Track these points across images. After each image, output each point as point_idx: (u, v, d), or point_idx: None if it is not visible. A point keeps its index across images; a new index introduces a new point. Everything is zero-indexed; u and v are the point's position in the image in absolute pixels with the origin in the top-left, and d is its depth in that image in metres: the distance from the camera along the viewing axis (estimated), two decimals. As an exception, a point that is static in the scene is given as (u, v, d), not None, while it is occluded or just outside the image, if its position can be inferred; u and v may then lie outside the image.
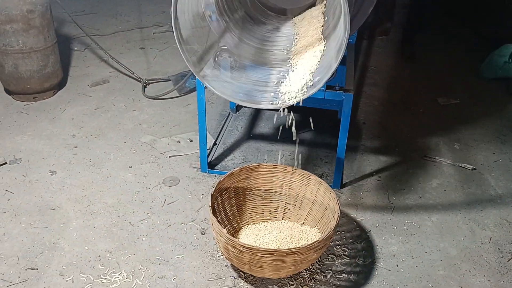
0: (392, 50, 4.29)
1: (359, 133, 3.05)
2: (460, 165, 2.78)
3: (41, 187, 2.54)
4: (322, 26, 2.24)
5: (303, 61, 2.10)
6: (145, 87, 3.51)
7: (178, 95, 3.41)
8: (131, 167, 2.70)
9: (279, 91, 2.04)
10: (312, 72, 1.98)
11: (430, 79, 3.75)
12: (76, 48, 4.11)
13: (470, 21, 4.61)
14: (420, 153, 2.89)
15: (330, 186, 2.17)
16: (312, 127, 2.24)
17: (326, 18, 2.28)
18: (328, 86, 2.30)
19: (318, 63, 1.97)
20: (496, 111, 3.33)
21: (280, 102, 1.98)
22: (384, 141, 3.00)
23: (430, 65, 3.98)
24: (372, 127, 3.14)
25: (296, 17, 2.47)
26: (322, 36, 2.15)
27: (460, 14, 4.83)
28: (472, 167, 2.76)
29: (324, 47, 2.07)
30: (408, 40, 4.21)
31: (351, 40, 2.71)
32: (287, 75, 2.09)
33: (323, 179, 2.56)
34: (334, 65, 1.75)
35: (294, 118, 2.11)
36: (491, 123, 3.20)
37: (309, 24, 2.34)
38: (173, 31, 1.83)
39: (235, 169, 2.16)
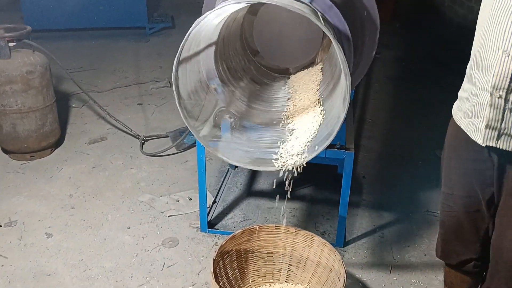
0: (386, 101, 4.34)
1: (359, 188, 3.03)
2: (463, 219, 2.74)
3: (37, 251, 2.47)
4: (318, 88, 2.26)
5: (301, 123, 2.10)
6: (143, 144, 3.50)
7: (176, 151, 3.40)
8: (129, 228, 2.64)
9: (279, 152, 2.03)
10: (312, 134, 1.98)
11: (426, 130, 3.77)
12: (74, 105, 4.13)
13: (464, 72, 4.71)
14: (421, 207, 2.86)
15: (333, 244, 2.12)
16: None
17: (323, 78, 2.31)
18: (329, 144, 2.29)
19: (318, 125, 1.97)
20: (495, 163, 3.33)
21: (281, 164, 1.95)
22: (385, 195, 2.98)
23: (425, 116, 4.02)
24: (372, 181, 3.12)
25: (293, 76, 2.50)
26: (318, 97, 2.17)
27: (455, 65, 4.93)
28: (475, 221, 2.72)
29: (323, 109, 2.07)
30: None
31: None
32: (287, 136, 2.08)
33: (325, 237, 2.54)
34: (336, 128, 1.74)
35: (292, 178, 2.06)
36: (491, 175, 3.18)
37: (306, 85, 2.36)
38: (174, 96, 1.83)
39: (236, 232, 2.12)
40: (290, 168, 1.88)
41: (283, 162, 1.89)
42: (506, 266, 1.62)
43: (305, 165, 1.88)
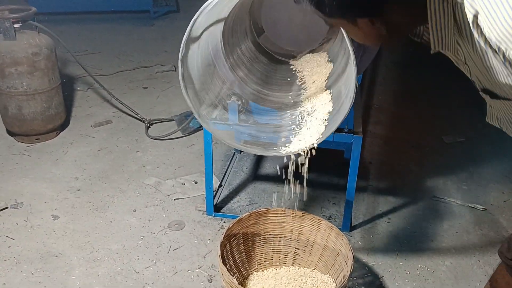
0: (393, 87, 4.31)
1: (366, 173, 3.01)
2: (470, 205, 2.73)
3: (43, 233, 2.47)
4: (326, 71, 2.23)
5: (309, 106, 2.08)
6: (148, 127, 3.49)
7: (182, 135, 3.39)
8: (135, 210, 2.64)
9: (286, 136, 2.01)
10: (320, 117, 1.96)
11: (433, 117, 3.74)
12: (79, 88, 4.12)
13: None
14: (428, 193, 2.84)
15: (340, 228, 2.11)
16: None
17: (331, 64, 2.28)
18: (337, 128, 2.27)
19: (326, 109, 1.95)
20: (502, 150, 3.31)
21: (287, 149, 1.93)
22: (391, 181, 2.96)
23: (433, 103, 3.99)
24: (379, 167, 3.10)
25: (300, 60, 2.48)
26: (326, 81, 2.15)
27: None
28: (482, 207, 2.71)
29: (330, 92, 2.05)
30: None
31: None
32: (295, 120, 2.07)
33: (331, 222, 2.53)
34: (346, 110, 1.73)
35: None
36: (498, 161, 3.17)
37: (314, 68, 2.34)
38: (179, 78, 1.81)
39: (244, 215, 2.11)
40: (299, 152, 1.87)
41: (291, 147, 1.87)
42: None
43: (314, 152, 1.86)
